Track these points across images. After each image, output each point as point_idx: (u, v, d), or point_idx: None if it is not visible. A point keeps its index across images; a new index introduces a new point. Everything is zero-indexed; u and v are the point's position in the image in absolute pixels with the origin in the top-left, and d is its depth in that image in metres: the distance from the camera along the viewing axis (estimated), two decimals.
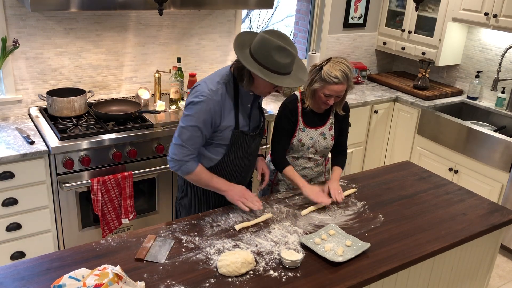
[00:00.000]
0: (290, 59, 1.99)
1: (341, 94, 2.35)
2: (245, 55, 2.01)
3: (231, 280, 1.74)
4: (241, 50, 2.02)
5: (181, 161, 2.11)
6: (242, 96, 2.17)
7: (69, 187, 2.72)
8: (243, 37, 2.09)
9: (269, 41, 1.96)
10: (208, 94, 2.05)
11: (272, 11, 4.71)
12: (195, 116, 2.06)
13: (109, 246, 1.89)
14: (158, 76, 3.35)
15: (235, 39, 2.06)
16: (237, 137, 2.18)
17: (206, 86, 2.08)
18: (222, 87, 2.09)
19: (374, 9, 4.53)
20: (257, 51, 1.98)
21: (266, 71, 1.98)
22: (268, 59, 1.96)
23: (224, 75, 2.13)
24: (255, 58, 1.99)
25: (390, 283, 2.00)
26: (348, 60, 2.34)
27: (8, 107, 3.05)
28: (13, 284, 1.65)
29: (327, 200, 2.33)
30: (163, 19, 3.41)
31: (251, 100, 2.22)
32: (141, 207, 3.09)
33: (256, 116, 2.30)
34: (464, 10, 3.83)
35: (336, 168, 2.58)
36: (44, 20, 3.00)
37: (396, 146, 4.28)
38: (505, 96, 3.93)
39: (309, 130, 2.48)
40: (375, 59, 4.81)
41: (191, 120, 2.07)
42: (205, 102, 2.05)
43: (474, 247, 2.32)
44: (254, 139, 2.28)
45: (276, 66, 1.98)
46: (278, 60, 1.96)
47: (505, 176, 3.44)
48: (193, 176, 2.16)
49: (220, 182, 2.19)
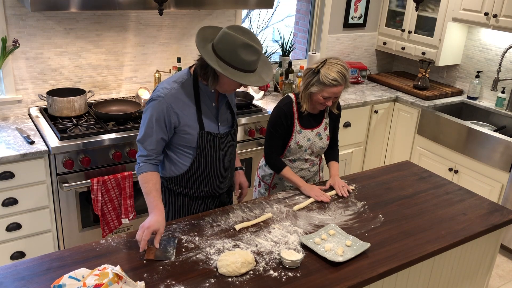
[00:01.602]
0: (256, 56, 1.92)
1: (339, 95, 2.35)
2: (208, 52, 1.93)
3: (231, 280, 1.74)
4: (204, 47, 1.94)
5: (138, 157, 2.07)
6: (203, 95, 2.08)
7: (69, 187, 2.72)
8: (204, 32, 2.00)
9: (234, 38, 1.87)
10: (161, 93, 2.01)
11: (272, 11, 4.70)
12: (148, 115, 2.03)
13: (109, 246, 1.89)
14: (158, 76, 3.35)
15: (197, 34, 1.97)
16: (204, 139, 2.09)
17: (161, 86, 2.05)
18: (176, 86, 2.03)
19: (374, 9, 4.53)
20: (221, 49, 1.90)
21: (232, 69, 1.90)
22: (233, 56, 1.88)
23: (181, 75, 2.08)
24: (219, 56, 1.90)
25: (390, 283, 2.00)
26: (343, 60, 2.33)
27: (8, 107, 3.05)
28: (13, 284, 1.65)
29: (327, 199, 2.35)
30: (163, 19, 3.41)
31: (214, 98, 2.11)
32: (141, 207, 3.09)
33: (225, 116, 2.18)
34: (464, 10, 3.83)
35: (333, 163, 2.60)
36: (44, 20, 3.00)
37: (396, 146, 4.28)
38: (505, 96, 3.93)
39: (305, 131, 2.48)
40: (375, 59, 4.81)
41: (145, 119, 2.04)
42: (157, 101, 2.01)
43: (474, 247, 2.32)
44: (224, 141, 2.17)
45: (242, 63, 1.90)
46: (244, 57, 1.89)
47: (505, 176, 3.44)
48: (140, 180, 2.06)
49: (151, 203, 2.00)
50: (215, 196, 2.30)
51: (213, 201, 2.30)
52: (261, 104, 3.61)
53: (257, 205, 2.27)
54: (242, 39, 1.87)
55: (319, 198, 2.34)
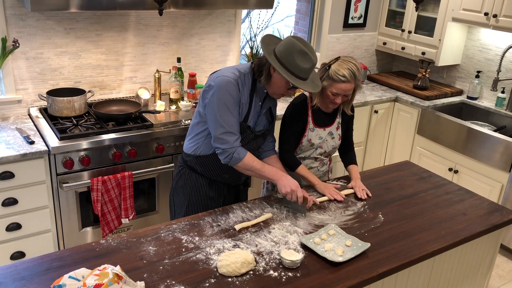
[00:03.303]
0: (310, 65, 2.08)
1: (348, 93, 2.35)
2: (269, 51, 2.09)
3: (231, 280, 1.74)
4: (267, 47, 2.09)
5: (231, 148, 2.12)
6: (257, 91, 2.21)
7: (69, 187, 2.72)
8: (270, 38, 2.18)
9: (294, 44, 2.04)
10: (230, 77, 2.11)
11: (272, 11, 4.71)
12: (225, 94, 2.09)
13: (109, 246, 1.89)
14: (158, 76, 3.35)
15: (262, 38, 2.14)
16: (242, 130, 2.21)
17: (227, 71, 2.14)
18: (241, 74, 2.15)
19: (374, 9, 4.53)
20: (281, 52, 2.06)
21: (286, 71, 2.05)
22: (290, 60, 2.04)
23: (244, 67, 2.20)
24: (278, 58, 2.06)
25: (390, 283, 2.00)
26: (356, 60, 2.35)
27: (8, 107, 3.05)
28: (13, 284, 1.65)
29: (341, 197, 2.39)
30: (163, 19, 3.41)
31: (263, 99, 2.26)
32: (141, 207, 3.09)
33: (263, 119, 2.32)
34: (464, 10, 3.83)
35: (352, 166, 2.63)
36: (44, 20, 3.00)
37: (396, 146, 4.28)
38: (505, 96, 3.93)
39: (318, 129, 2.50)
40: (375, 59, 4.81)
41: (222, 99, 2.09)
42: (230, 80, 2.10)
43: (474, 247, 2.32)
44: (258, 139, 2.31)
45: (296, 69, 2.05)
46: (299, 63, 2.04)
47: (505, 176, 3.44)
48: (244, 164, 2.16)
49: (273, 171, 2.21)
50: (231, 185, 2.41)
51: (229, 190, 2.42)
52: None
53: (257, 205, 2.27)
54: (301, 46, 2.04)
55: (334, 197, 2.38)
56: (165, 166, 3.01)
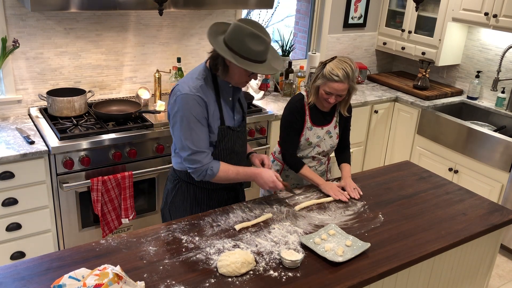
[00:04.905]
0: (264, 47, 1.97)
1: (342, 94, 2.36)
2: (219, 43, 1.99)
3: (231, 280, 1.74)
4: (214, 39, 2.00)
5: (202, 166, 2.07)
6: (222, 90, 2.13)
7: (69, 187, 2.72)
8: (217, 26, 2.07)
9: (242, 28, 1.94)
10: (190, 91, 2.02)
11: (272, 11, 4.71)
12: (187, 113, 2.02)
13: (109, 246, 1.89)
14: (158, 76, 3.35)
15: (209, 28, 2.03)
16: (224, 133, 2.15)
17: (185, 85, 2.05)
18: (201, 81, 2.06)
19: (374, 9, 4.53)
20: (230, 39, 1.96)
21: (240, 58, 1.96)
22: (242, 46, 1.94)
23: (201, 71, 2.11)
24: (229, 46, 1.97)
25: (390, 283, 2.00)
26: (353, 61, 2.35)
27: (8, 107, 3.05)
28: (13, 284, 1.65)
29: (346, 198, 2.38)
30: (163, 19, 3.41)
31: (231, 93, 2.18)
32: (141, 207, 3.09)
33: (239, 110, 2.27)
34: (464, 10, 3.83)
35: (345, 165, 2.61)
36: (44, 20, 3.00)
37: (396, 146, 4.28)
38: (505, 96, 3.93)
39: (316, 128, 2.50)
40: (375, 59, 4.81)
41: (185, 120, 2.03)
42: (189, 97, 2.01)
43: (474, 247, 2.32)
44: (239, 134, 2.24)
45: (250, 53, 1.95)
46: (252, 47, 1.94)
47: (505, 176, 3.44)
48: (220, 177, 2.11)
49: (247, 173, 2.18)
50: (229, 188, 2.35)
51: (228, 194, 2.36)
52: (261, 104, 3.61)
53: (257, 205, 2.27)
54: (250, 29, 1.94)
55: (338, 197, 2.37)
56: (165, 166, 3.01)
